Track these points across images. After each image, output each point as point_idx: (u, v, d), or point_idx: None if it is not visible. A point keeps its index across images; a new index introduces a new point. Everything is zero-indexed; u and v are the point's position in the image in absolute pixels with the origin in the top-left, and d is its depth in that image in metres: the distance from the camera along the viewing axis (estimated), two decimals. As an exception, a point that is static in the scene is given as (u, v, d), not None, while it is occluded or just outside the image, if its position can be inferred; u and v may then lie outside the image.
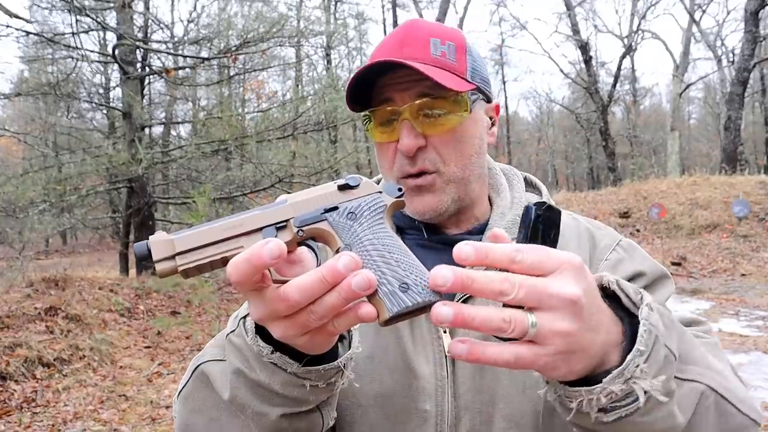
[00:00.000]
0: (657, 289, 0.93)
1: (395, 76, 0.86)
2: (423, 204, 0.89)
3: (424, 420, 0.84)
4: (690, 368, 0.69)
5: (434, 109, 0.86)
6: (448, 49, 0.89)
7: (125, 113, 10.55)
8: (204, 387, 0.76)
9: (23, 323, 6.61)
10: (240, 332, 0.69)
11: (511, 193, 1.01)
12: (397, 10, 24.30)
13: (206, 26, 12.19)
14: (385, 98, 0.88)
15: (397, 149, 0.88)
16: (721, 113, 27.83)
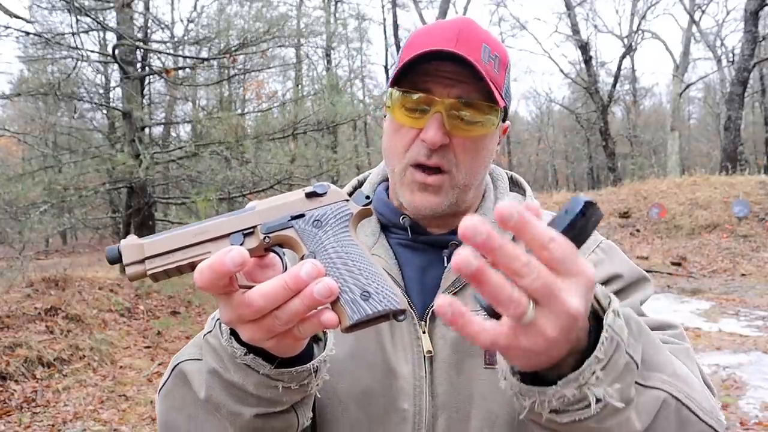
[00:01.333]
0: (633, 291, 0.93)
1: (441, 67, 0.85)
2: (424, 201, 0.89)
3: (403, 419, 0.85)
4: (654, 375, 0.68)
5: (468, 114, 0.86)
6: (495, 61, 0.89)
7: (125, 113, 10.55)
8: (182, 385, 0.78)
9: (23, 323, 6.61)
10: (216, 333, 0.70)
11: (495, 194, 1.02)
12: (397, 10, 24.31)
13: (206, 26, 12.18)
14: (423, 85, 0.86)
15: (419, 138, 0.87)
16: (721, 113, 27.83)
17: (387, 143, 0.94)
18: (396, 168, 0.91)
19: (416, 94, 0.86)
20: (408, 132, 0.89)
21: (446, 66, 0.85)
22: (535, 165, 44.39)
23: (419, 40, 0.89)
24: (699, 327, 7.35)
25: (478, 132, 0.88)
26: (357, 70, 31.41)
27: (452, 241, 0.93)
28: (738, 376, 5.41)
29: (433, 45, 0.84)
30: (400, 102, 0.88)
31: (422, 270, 0.93)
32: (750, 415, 4.54)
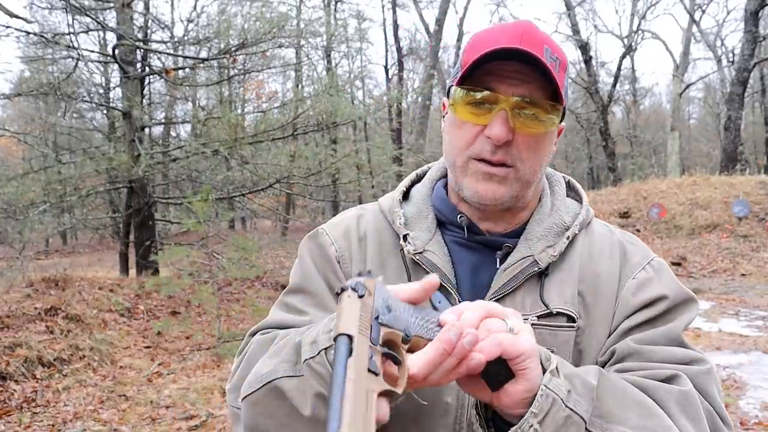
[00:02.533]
0: (677, 314, 0.93)
1: (505, 66, 0.87)
2: (488, 189, 0.90)
3: (446, 411, 0.89)
4: (614, 428, 0.74)
5: (532, 112, 0.88)
6: (556, 62, 0.91)
7: (125, 113, 10.54)
8: (277, 399, 0.82)
9: (23, 323, 6.61)
10: (322, 362, 0.75)
11: (552, 199, 1.03)
12: (397, 10, 24.31)
13: (206, 26, 12.18)
14: (487, 83, 0.88)
15: (483, 134, 0.89)
16: (721, 113, 27.83)
17: (449, 139, 0.95)
18: (458, 161, 0.93)
19: (481, 92, 0.88)
20: (471, 128, 0.90)
21: (510, 65, 0.87)
22: (535, 165, 44.35)
23: (482, 40, 0.90)
24: (699, 327, 7.36)
25: (541, 130, 0.90)
26: (357, 70, 31.44)
27: (506, 243, 0.95)
28: (738, 376, 5.41)
29: (497, 45, 0.86)
30: (464, 100, 0.90)
31: (474, 269, 0.95)
32: (750, 415, 4.54)
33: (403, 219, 1.00)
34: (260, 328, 1.00)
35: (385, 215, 1.04)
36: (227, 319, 8.21)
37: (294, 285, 1.04)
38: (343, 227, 1.05)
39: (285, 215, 19.36)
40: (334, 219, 1.10)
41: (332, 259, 1.01)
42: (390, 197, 1.07)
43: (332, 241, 1.03)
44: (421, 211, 1.01)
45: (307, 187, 13.42)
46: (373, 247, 1.01)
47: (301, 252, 1.07)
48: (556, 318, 0.91)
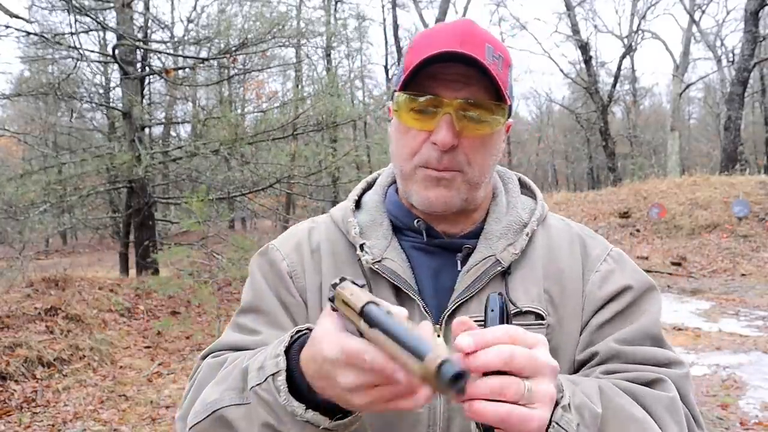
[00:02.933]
0: (645, 303, 0.95)
1: (446, 69, 0.86)
2: (437, 195, 0.89)
3: (417, 421, 0.87)
4: None
5: (477, 113, 0.87)
6: (499, 60, 0.89)
7: (125, 113, 10.55)
8: (223, 428, 0.80)
9: (23, 323, 6.61)
10: (268, 388, 0.73)
11: (507, 197, 1.02)
12: (397, 10, 24.30)
13: (206, 26, 12.18)
14: (430, 88, 0.87)
15: (429, 140, 0.88)
16: (721, 113, 27.83)
17: (395, 146, 0.94)
18: (405, 168, 0.92)
19: (424, 97, 0.87)
20: (417, 135, 0.89)
21: (452, 68, 0.85)
22: (535, 165, 44.38)
23: (422, 43, 0.89)
24: (699, 327, 7.36)
25: (487, 131, 0.89)
26: (357, 70, 31.42)
27: (466, 244, 0.94)
28: (738, 376, 5.41)
29: (437, 48, 0.85)
30: (408, 105, 0.88)
31: (435, 273, 0.94)
32: (750, 415, 4.54)
33: (357, 228, 0.97)
34: (211, 351, 0.96)
35: (338, 226, 1.01)
36: (227, 319, 8.20)
37: (246, 304, 1.00)
38: (294, 241, 1.02)
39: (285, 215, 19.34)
40: (285, 234, 1.07)
41: (284, 275, 0.98)
42: (342, 207, 1.04)
43: (283, 256, 1.00)
44: (375, 219, 0.99)
45: (308, 187, 13.41)
46: (327, 258, 0.98)
47: (251, 270, 1.04)
48: (525, 317, 0.91)
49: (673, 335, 7.01)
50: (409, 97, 0.88)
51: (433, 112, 0.87)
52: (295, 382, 0.72)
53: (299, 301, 0.97)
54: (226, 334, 0.99)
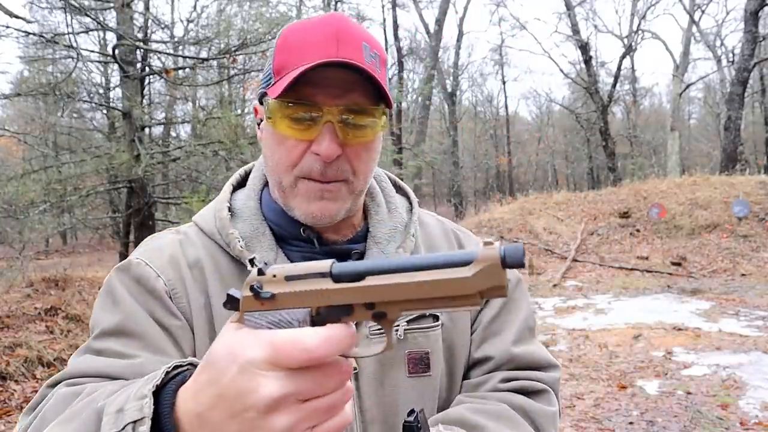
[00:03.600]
0: (519, 294, 1.05)
1: (325, 73, 0.80)
2: (322, 209, 0.85)
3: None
4: None
5: (358, 120, 0.83)
6: (376, 59, 0.84)
7: (125, 113, 10.55)
8: None
9: (23, 323, 6.61)
10: None
11: (385, 198, 1.00)
12: (397, 10, 24.30)
13: (206, 26, 12.19)
14: (308, 94, 0.81)
15: (311, 150, 0.83)
16: (721, 113, 27.82)
17: (270, 155, 0.87)
18: (285, 181, 0.86)
19: (302, 105, 0.81)
20: (296, 145, 0.83)
21: (331, 72, 0.80)
22: (535, 165, 44.37)
23: (294, 43, 0.83)
24: (699, 327, 7.36)
25: (369, 136, 0.85)
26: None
27: (354, 250, 0.93)
28: (738, 376, 5.41)
29: (313, 50, 0.80)
30: (283, 113, 0.82)
31: None
32: (750, 415, 4.54)
33: (242, 241, 0.88)
34: (63, 378, 0.79)
35: (211, 238, 0.91)
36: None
37: (109, 327, 0.83)
38: (167, 255, 0.89)
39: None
40: (148, 246, 0.93)
41: (160, 294, 0.85)
42: (212, 216, 0.93)
43: (157, 273, 0.87)
44: (257, 228, 0.91)
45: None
46: (212, 276, 0.88)
47: (111, 288, 0.87)
48: (424, 319, 0.92)
49: (673, 335, 7.01)
50: (285, 104, 0.81)
51: (312, 120, 0.81)
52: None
53: (183, 324, 0.85)
54: (80, 360, 0.81)
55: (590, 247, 14.02)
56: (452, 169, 30.25)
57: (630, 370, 5.82)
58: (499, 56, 35.86)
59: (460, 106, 36.80)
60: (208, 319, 0.86)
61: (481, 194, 39.47)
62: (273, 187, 0.91)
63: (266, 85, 0.87)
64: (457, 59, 32.31)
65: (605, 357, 6.31)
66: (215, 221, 0.92)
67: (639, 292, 10.14)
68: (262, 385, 0.49)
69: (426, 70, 23.07)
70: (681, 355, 6.21)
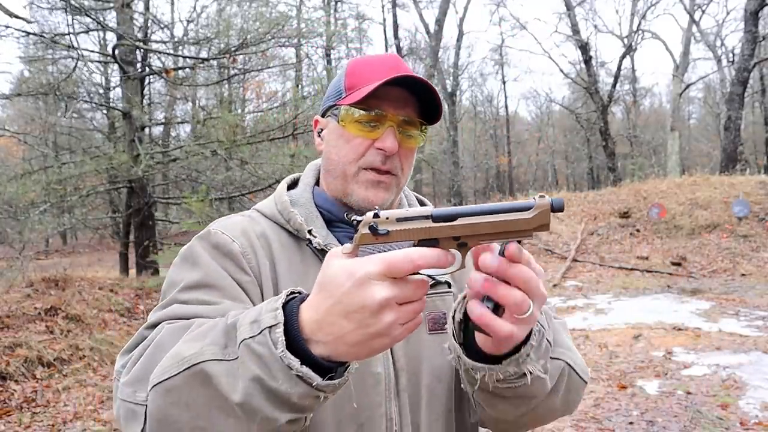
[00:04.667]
0: None
1: (390, 91, 1.02)
2: (377, 196, 1.05)
3: (377, 381, 1.00)
4: (557, 350, 0.95)
5: (410, 130, 1.06)
6: None
7: (125, 113, 10.55)
8: (201, 384, 0.75)
9: (23, 323, 6.61)
10: (263, 341, 0.71)
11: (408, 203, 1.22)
12: (397, 10, 24.30)
13: (206, 26, 12.18)
14: (376, 105, 1.03)
15: (374, 146, 1.04)
16: (721, 113, 27.83)
17: (337, 151, 1.08)
18: (348, 170, 1.06)
19: (375, 112, 1.03)
20: (362, 142, 1.04)
21: (392, 90, 1.02)
22: (535, 165, 44.37)
23: (361, 69, 1.08)
24: (699, 327, 7.36)
25: (415, 144, 1.08)
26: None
27: None
28: (738, 376, 5.41)
29: (379, 74, 1.03)
30: (355, 118, 1.04)
31: None
32: (750, 415, 4.54)
33: (302, 218, 1.07)
34: (161, 320, 0.91)
35: (272, 219, 1.09)
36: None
37: (192, 282, 0.96)
38: (239, 227, 1.06)
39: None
40: (220, 222, 1.09)
41: (237, 255, 1.00)
42: (274, 202, 1.12)
43: (232, 239, 1.02)
44: (311, 213, 1.10)
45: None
46: (276, 245, 1.05)
47: (192, 251, 1.02)
48: (441, 285, 1.10)
49: (673, 335, 7.01)
50: (360, 111, 1.04)
51: (376, 124, 1.04)
52: (290, 339, 0.71)
53: (253, 279, 1.00)
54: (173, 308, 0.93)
55: (590, 247, 14.02)
56: (452, 169, 30.25)
57: (630, 370, 5.82)
58: (499, 56, 35.91)
59: (460, 106, 36.80)
60: (273, 280, 1.03)
61: (481, 194, 39.47)
62: (333, 179, 1.10)
63: (336, 99, 1.09)
64: (457, 59, 32.32)
65: (605, 357, 6.31)
66: (276, 206, 1.11)
67: (639, 292, 10.14)
68: (376, 292, 0.66)
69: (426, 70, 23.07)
70: (681, 355, 6.21)
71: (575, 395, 1.02)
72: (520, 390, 0.87)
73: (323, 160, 1.15)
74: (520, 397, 0.90)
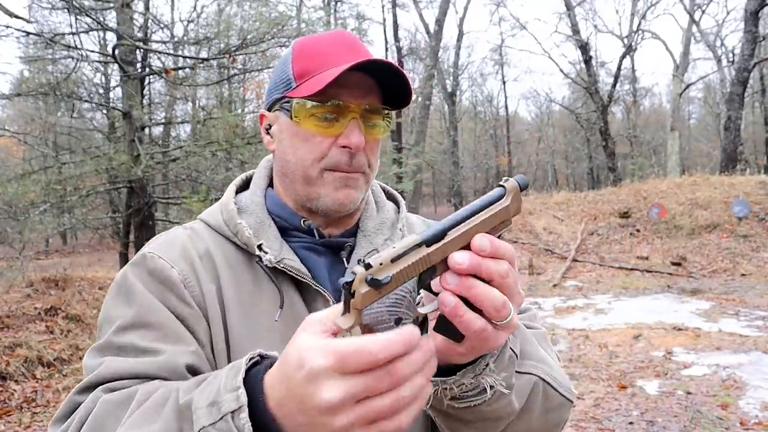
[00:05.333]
0: None
1: (349, 77, 0.88)
2: (346, 196, 0.93)
3: None
4: (526, 362, 0.85)
5: (374, 119, 0.94)
6: None
7: (125, 113, 10.54)
8: None
9: (23, 323, 6.61)
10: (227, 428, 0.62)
11: (374, 199, 1.09)
12: (397, 10, 24.30)
13: (206, 26, 12.18)
14: (334, 95, 0.90)
15: (337, 143, 0.91)
16: (721, 113, 27.82)
17: (294, 152, 0.94)
18: (310, 173, 0.93)
19: (332, 103, 0.90)
20: (323, 140, 0.92)
21: (353, 76, 0.88)
22: (535, 165, 44.36)
23: (311, 52, 0.93)
24: (699, 327, 7.36)
25: (380, 135, 0.96)
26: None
27: (347, 243, 0.98)
28: (738, 376, 5.42)
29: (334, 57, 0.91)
30: (311, 112, 0.91)
31: (328, 271, 0.96)
32: (750, 415, 4.54)
33: (249, 230, 0.93)
34: (95, 384, 0.79)
35: (218, 231, 0.96)
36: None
37: (127, 321, 0.84)
38: (178, 247, 0.93)
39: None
40: (158, 241, 0.97)
41: (176, 283, 0.88)
42: (219, 211, 0.98)
43: (171, 264, 0.89)
44: (263, 221, 0.96)
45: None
46: (222, 265, 0.92)
47: (125, 282, 0.89)
48: None
49: (673, 335, 7.01)
50: (315, 104, 0.90)
51: (336, 117, 0.91)
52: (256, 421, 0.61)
53: (196, 312, 0.88)
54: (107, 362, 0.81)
55: (590, 247, 14.02)
56: (452, 169, 30.25)
57: (630, 370, 5.82)
58: (499, 56, 35.88)
59: (460, 106, 36.80)
60: (220, 304, 0.90)
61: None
62: (291, 183, 0.97)
63: (285, 90, 0.94)
64: (457, 59, 32.30)
65: (605, 357, 6.31)
66: (222, 215, 0.97)
67: (639, 292, 10.14)
68: (323, 391, 0.54)
69: (426, 70, 23.07)
70: (681, 355, 6.21)
71: (556, 415, 0.89)
72: (480, 410, 0.75)
73: (276, 161, 0.99)
74: (483, 420, 0.78)
